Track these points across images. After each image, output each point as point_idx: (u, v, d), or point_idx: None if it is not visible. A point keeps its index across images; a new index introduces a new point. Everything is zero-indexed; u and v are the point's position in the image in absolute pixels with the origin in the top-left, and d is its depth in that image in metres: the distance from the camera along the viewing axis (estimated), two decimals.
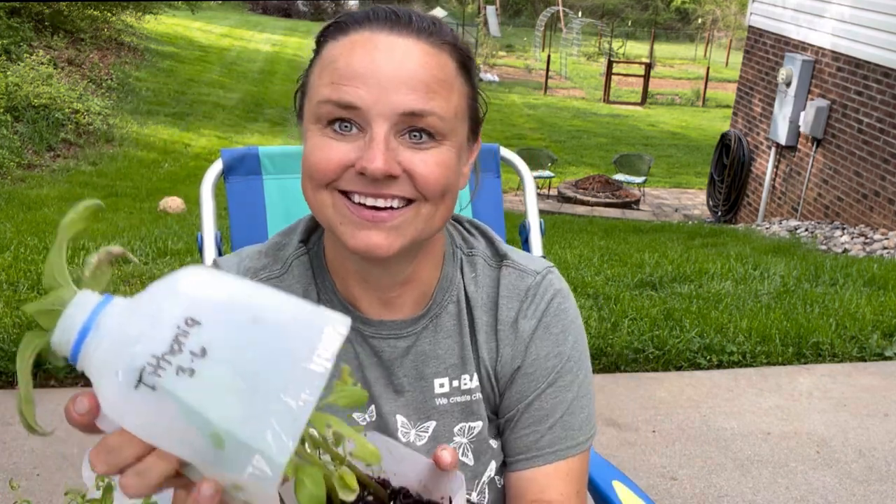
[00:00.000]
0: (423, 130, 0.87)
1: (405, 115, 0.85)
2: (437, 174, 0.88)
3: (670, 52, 32.06)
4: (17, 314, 3.43)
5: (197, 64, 18.96)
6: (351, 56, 0.86)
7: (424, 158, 0.87)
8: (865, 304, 4.32)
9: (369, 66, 0.85)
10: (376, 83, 0.85)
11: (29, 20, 12.96)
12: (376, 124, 0.85)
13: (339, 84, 0.86)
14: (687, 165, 15.12)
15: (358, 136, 0.87)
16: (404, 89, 0.85)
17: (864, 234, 7.33)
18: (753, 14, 10.02)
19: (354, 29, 0.89)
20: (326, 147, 0.87)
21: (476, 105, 0.96)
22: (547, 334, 1.02)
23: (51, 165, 10.17)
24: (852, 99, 7.90)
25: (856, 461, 2.95)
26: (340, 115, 0.86)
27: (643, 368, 3.61)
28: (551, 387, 1.01)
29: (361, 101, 0.85)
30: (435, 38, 0.89)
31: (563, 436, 1.01)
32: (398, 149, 0.87)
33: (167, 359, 0.50)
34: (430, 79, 0.87)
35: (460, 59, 0.92)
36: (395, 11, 0.90)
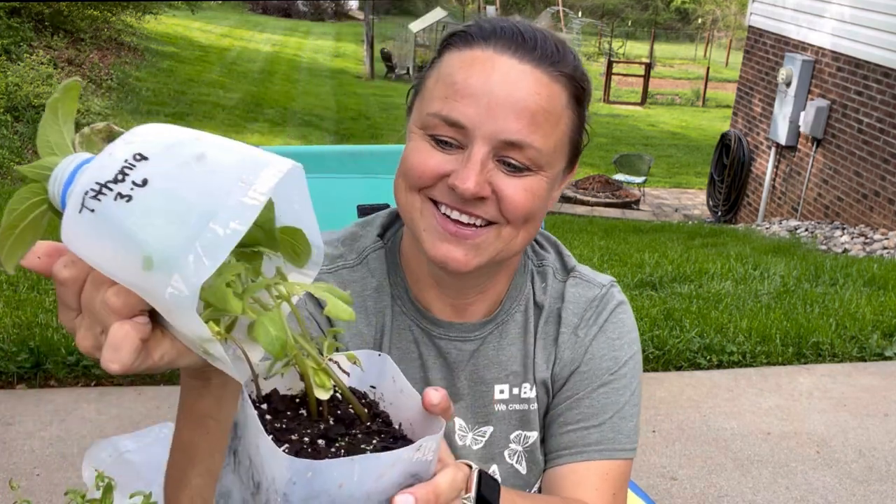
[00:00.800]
0: (517, 163, 0.88)
1: (505, 142, 0.87)
2: (523, 200, 0.89)
3: (670, 52, 32.06)
4: (17, 314, 3.43)
5: (197, 64, 18.96)
6: (469, 73, 0.88)
7: (515, 184, 0.89)
8: (865, 304, 4.32)
9: (483, 88, 0.86)
10: (486, 105, 0.86)
11: (29, 20, 12.96)
12: (476, 145, 0.87)
13: (451, 99, 0.87)
14: (687, 165, 15.13)
15: (457, 151, 0.89)
16: (511, 117, 0.86)
17: (864, 234, 7.33)
18: (753, 14, 10.02)
19: (479, 44, 0.90)
20: (426, 153, 0.90)
21: (580, 136, 0.97)
22: (605, 338, 1.04)
23: None
24: (852, 99, 7.90)
25: (856, 461, 2.95)
26: (445, 133, 0.88)
27: (643, 368, 3.61)
28: (604, 387, 1.02)
29: (468, 120, 0.86)
30: (554, 68, 0.90)
31: (611, 437, 1.00)
32: (492, 171, 0.88)
33: (109, 186, 0.53)
34: (538, 110, 0.87)
35: (574, 91, 0.92)
36: (522, 34, 0.91)
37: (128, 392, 3.04)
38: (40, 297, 3.71)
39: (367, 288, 1.03)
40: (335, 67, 22.20)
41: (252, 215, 0.51)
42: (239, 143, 0.58)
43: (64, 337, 3.23)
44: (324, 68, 21.94)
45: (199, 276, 0.50)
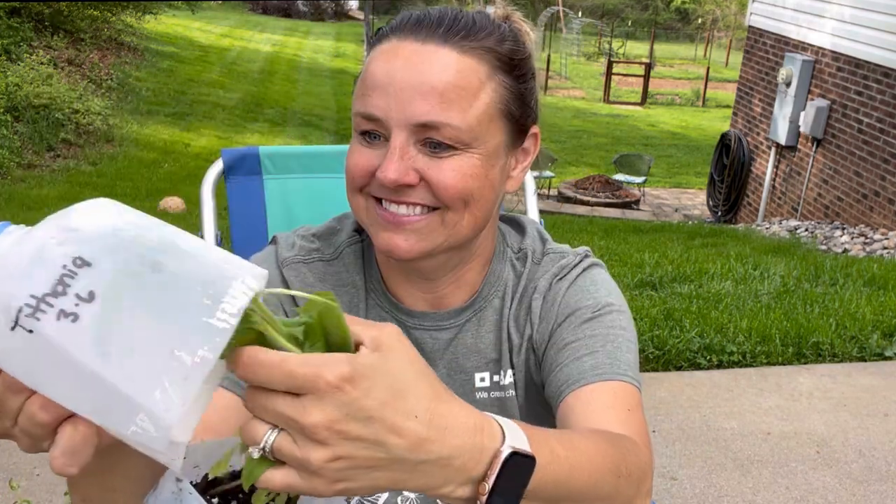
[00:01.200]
0: (440, 142, 0.87)
1: (419, 125, 0.86)
2: (453, 181, 0.88)
3: (670, 52, 32.05)
4: None
5: (197, 64, 18.96)
6: (376, 66, 0.89)
7: (441, 166, 0.88)
8: (865, 304, 4.32)
9: (387, 77, 0.87)
10: (393, 93, 0.86)
11: (29, 20, 12.96)
12: (394, 134, 0.87)
13: (365, 96, 0.89)
14: (687, 165, 15.13)
15: (384, 144, 0.89)
16: (418, 99, 0.86)
17: (864, 234, 7.33)
18: (753, 14, 10.02)
19: (387, 37, 0.91)
20: (357, 153, 0.91)
21: (522, 107, 0.93)
22: (578, 290, 1.00)
23: (51, 165, 10.17)
24: (852, 99, 7.90)
25: (856, 461, 2.95)
26: (368, 128, 0.89)
27: (643, 368, 3.61)
28: (589, 322, 0.96)
29: (380, 111, 0.87)
30: (465, 41, 0.88)
31: (607, 361, 0.92)
32: (416, 157, 0.88)
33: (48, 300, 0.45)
34: (447, 87, 0.86)
35: (497, 62, 0.90)
36: (427, 15, 0.91)
37: None
38: None
39: (342, 282, 1.04)
40: (335, 67, 22.20)
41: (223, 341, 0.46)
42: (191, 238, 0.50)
43: None
44: (324, 68, 21.94)
45: (168, 415, 0.45)
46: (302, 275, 1.02)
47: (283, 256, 1.03)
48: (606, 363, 0.92)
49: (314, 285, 1.02)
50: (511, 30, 0.94)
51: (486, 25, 0.91)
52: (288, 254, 1.04)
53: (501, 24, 0.94)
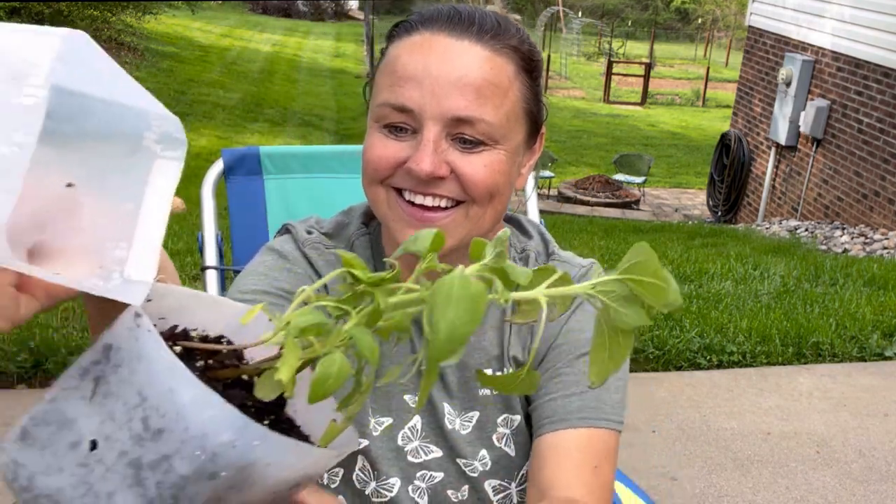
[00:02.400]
0: (471, 138, 0.89)
1: (455, 119, 0.87)
2: (483, 176, 0.90)
3: (670, 52, 32.05)
4: None
5: (197, 64, 18.96)
6: (409, 58, 0.89)
7: (472, 161, 0.90)
8: (865, 304, 4.32)
9: (423, 70, 0.88)
10: (429, 86, 0.87)
11: (29, 20, 12.97)
12: (427, 127, 0.88)
13: (395, 86, 0.89)
14: (687, 165, 15.12)
15: (411, 137, 0.90)
16: (455, 94, 0.87)
17: (864, 234, 7.33)
18: (753, 14, 10.02)
19: (417, 30, 0.92)
20: (381, 145, 0.91)
21: (537, 107, 0.97)
22: (584, 313, 1.01)
23: None
24: (852, 99, 7.90)
25: (856, 461, 2.95)
26: (395, 120, 0.90)
27: (643, 368, 3.61)
28: (585, 356, 0.98)
29: (414, 103, 0.88)
30: (495, 40, 0.91)
31: (593, 405, 0.97)
32: (448, 150, 0.89)
33: None
34: (483, 83, 0.88)
35: (521, 62, 0.93)
36: (458, 12, 0.92)
37: None
38: None
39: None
40: (335, 67, 22.20)
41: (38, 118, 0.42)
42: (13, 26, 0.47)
43: (64, 337, 3.23)
44: (324, 68, 21.94)
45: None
46: (323, 256, 1.03)
47: (303, 238, 1.04)
48: (592, 407, 0.96)
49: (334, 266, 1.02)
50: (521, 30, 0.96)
51: (509, 27, 0.93)
52: (306, 236, 1.05)
53: (518, 26, 0.96)
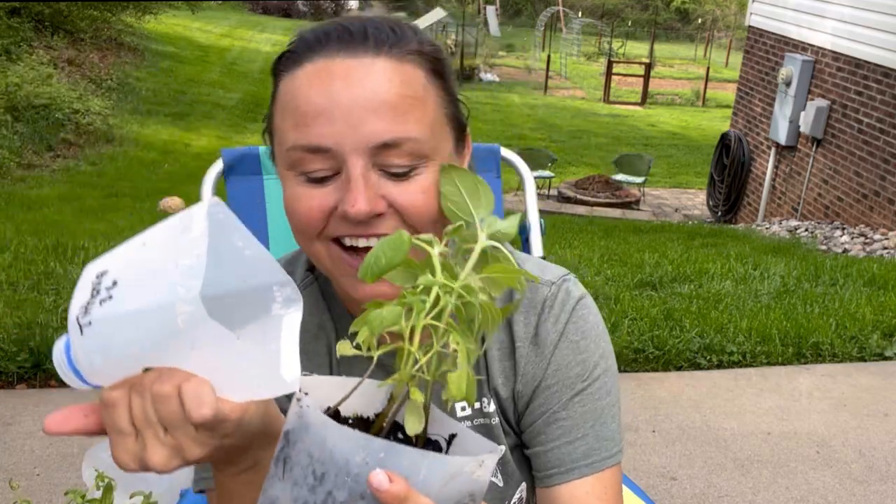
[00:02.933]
0: (402, 162, 0.80)
1: (379, 146, 0.78)
2: (424, 203, 0.81)
3: (670, 52, 32.05)
4: (17, 314, 3.43)
5: (197, 64, 18.96)
6: (310, 91, 0.79)
7: (408, 189, 0.80)
8: (865, 304, 4.32)
9: (329, 100, 0.78)
10: (341, 117, 0.77)
11: (29, 20, 12.96)
12: (350, 162, 0.78)
13: (302, 126, 0.79)
14: (687, 165, 15.12)
15: (335, 179, 0.80)
16: (371, 118, 0.78)
17: (864, 234, 7.33)
18: (753, 14, 10.02)
19: (308, 57, 0.81)
20: (306, 197, 0.81)
21: (457, 108, 0.89)
22: (569, 344, 0.95)
23: (51, 165, 10.17)
24: (852, 99, 7.90)
25: (856, 461, 2.95)
26: (313, 166, 0.80)
27: (643, 368, 3.61)
28: (579, 395, 0.94)
29: (329, 140, 0.78)
30: (397, 49, 0.81)
31: (597, 447, 0.94)
32: (380, 183, 0.80)
33: (90, 301, 0.60)
34: (398, 99, 0.79)
35: (430, 65, 0.84)
36: (347, 29, 0.82)
37: None
38: (40, 297, 3.71)
39: (308, 328, 0.94)
40: None
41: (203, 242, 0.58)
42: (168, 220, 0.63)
43: None
44: None
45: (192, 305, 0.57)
46: None
47: None
48: (596, 449, 0.94)
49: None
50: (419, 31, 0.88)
51: (405, 31, 0.85)
52: None
53: (415, 27, 0.88)
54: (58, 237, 4.97)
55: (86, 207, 7.78)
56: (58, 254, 4.46)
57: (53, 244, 4.68)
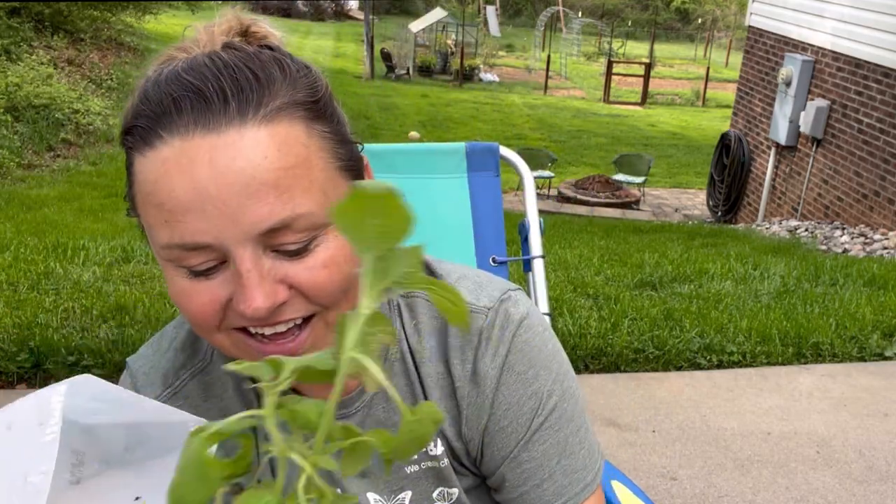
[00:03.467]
0: (297, 241, 0.69)
1: (265, 233, 0.67)
2: (328, 277, 0.70)
3: (670, 52, 32.05)
4: (17, 314, 3.43)
5: None
6: (171, 183, 0.66)
7: (307, 266, 0.69)
8: (865, 304, 4.32)
9: (196, 192, 0.65)
10: (214, 210, 0.65)
11: (29, 20, 12.96)
12: (237, 254, 0.67)
13: (172, 223, 0.67)
14: (687, 165, 15.13)
15: (224, 268, 0.69)
16: (250, 204, 0.65)
17: (864, 234, 7.33)
18: (753, 14, 10.02)
19: (160, 137, 0.67)
20: (193, 293, 0.70)
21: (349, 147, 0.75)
22: (514, 376, 0.85)
23: (51, 165, 10.18)
24: (852, 99, 7.90)
25: (856, 461, 2.95)
26: (195, 263, 0.69)
27: (643, 368, 3.61)
28: (538, 432, 0.86)
29: (206, 236, 0.66)
30: (264, 108, 0.67)
31: (566, 482, 0.87)
32: (274, 265, 0.69)
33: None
34: (278, 174, 0.66)
35: (306, 112, 0.70)
36: (201, 93, 0.67)
37: None
38: (40, 297, 3.71)
39: (226, 388, 0.86)
40: (335, 67, 22.20)
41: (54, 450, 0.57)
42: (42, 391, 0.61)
43: (64, 337, 3.23)
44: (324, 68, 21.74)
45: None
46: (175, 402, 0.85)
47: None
48: (566, 485, 0.87)
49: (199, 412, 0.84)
50: (282, 59, 0.72)
51: (272, 73, 0.70)
52: (154, 393, 0.85)
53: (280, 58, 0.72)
54: (58, 237, 4.97)
55: (86, 207, 7.78)
56: (58, 254, 4.46)
57: (53, 244, 4.68)
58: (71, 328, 3.35)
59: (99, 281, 3.96)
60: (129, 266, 4.32)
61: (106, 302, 3.62)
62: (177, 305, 0.73)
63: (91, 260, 4.36)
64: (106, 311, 3.53)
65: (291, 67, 0.72)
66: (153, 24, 18.99)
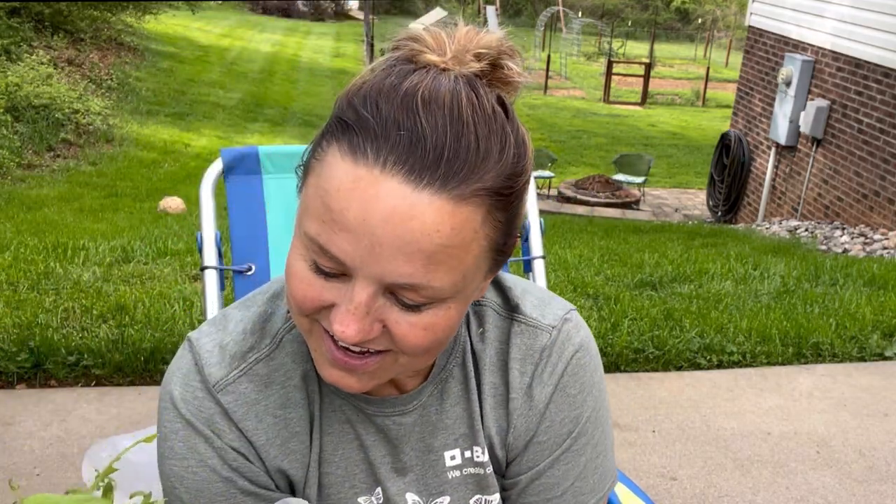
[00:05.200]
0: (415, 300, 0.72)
1: (394, 285, 0.70)
2: (423, 338, 0.74)
3: (670, 52, 32.05)
4: (17, 314, 3.43)
5: (197, 64, 18.96)
6: (349, 201, 0.68)
7: (411, 321, 0.73)
8: (865, 304, 4.32)
9: (363, 224, 0.67)
10: (368, 244, 0.68)
11: (29, 20, 12.96)
12: (359, 285, 0.70)
13: (327, 226, 0.69)
14: (687, 165, 15.13)
15: (342, 280, 0.72)
16: (400, 259, 0.68)
17: (864, 234, 7.33)
18: (753, 14, 10.02)
19: (363, 155, 0.68)
20: (307, 281, 0.73)
21: (508, 238, 0.76)
22: (564, 398, 0.90)
23: (51, 165, 10.17)
24: (852, 99, 7.90)
25: (856, 461, 2.95)
26: (324, 262, 0.72)
27: (643, 368, 3.61)
28: (565, 453, 0.91)
29: (347, 257, 0.69)
30: (466, 185, 0.68)
31: (586, 492, 0.93)
32: (383, 308, 0.72)
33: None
34: (437, 249, 0.68)
35: (496, 201, 0.71)
36: (422, 139, 0.67)
37: (128, 392, 3.04)
38: (40, 297, 3.71)
39: (291, 377, 0.87)
40: (335, 67, 22.20)
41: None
42: None
43: (64, 337, 3.23)
44: (324, 68, 21.94)
45: None
46: (243, 395, 0.85)
47: (216, 379, 0.84)
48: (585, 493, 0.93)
49: (258, 401, 0.86)
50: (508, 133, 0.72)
51: (488, 149, 0.70)
52: (220, 373, 0.85)
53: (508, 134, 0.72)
54: (58, 237, 4.97)
55: (86, 207, 7.78)
56: (58, 254, 4.46)
57: (53, 244, 4.68)
58: (71, 328, 3.35)
59: (99, 281, 3.96)
60: (129, 266, 4.32)
61: (106, 302, 3.61)
62: (286, 281, 0.76)
63: (91, 260, 4.36)
64: (106, 311, 3.53)
65: (509, 148, 0.72)
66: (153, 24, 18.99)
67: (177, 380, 0.85)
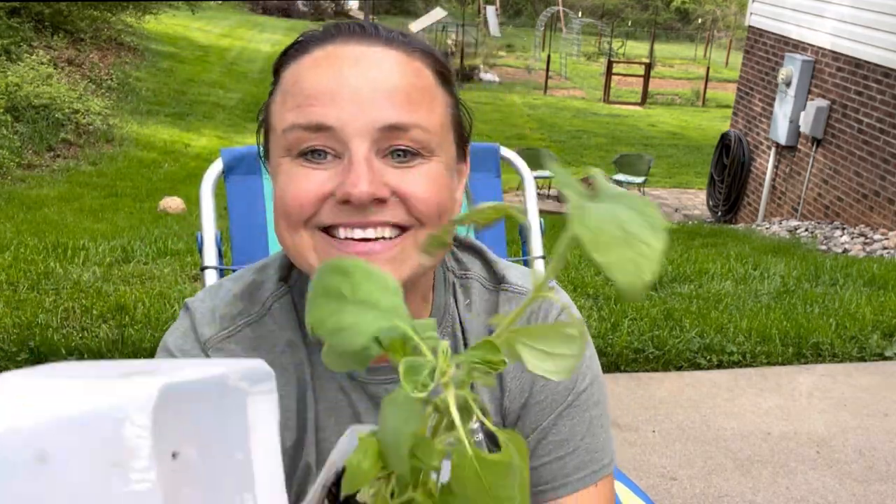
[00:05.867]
0: (407, 148, 0.77)
1: (386, 129, 0.75)
2: (431, 192, 0.78)
3: (670, 52, 32.05)
4: (17, 314, 3.43)
5: (197, 64, 18.96)
6: (316, 73, 0.76)
7: (413, 176, 0.77)
8: (865, 304, 4.32)
9: (338, 81, 0.75)
10: (349, 97, 0.74)
11: (29, 20, 12.96)
12: (354, 144, 0.75)
13: (304, 106, 0.75)
14: (687, 165, 15.12)
15: (335, 163, 0.76)
16: (381, 100, 0.75)
17: (864, 234, 7.33)
18: (753, 14, 10.02)
19: (317, 45, 0.79)
20: (300, 177, 0.77)
21: (460, 117, 0.86)
22: None
23: (51, 165, 10.17)
24: (852, 99, 7.90)
25: (856, 461, 2.95)
26: (312, 143, 0.76)
27: (643, 368, 3.61)
28: (568, 409, 0.93)
29: (334, 119, 0.74)
30: (407, 46, 0.80)
31: (587, 459, 0.94)
32: (383, 169, 0.76)
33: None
34: (410, 87, 0.77)
35: (437, 69, 0.82)
36: (358, 24, 0.81)
37: None
38: (40, 297, 3.71)
39: (278, 342, 0.89)
40: None
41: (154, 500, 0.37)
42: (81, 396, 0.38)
43: (64, 337, 3.23)
44: None
45: None
46: (231, 354, 0.87)
47: (206, 337, 0.88)
48: (587, 462, 0.93)
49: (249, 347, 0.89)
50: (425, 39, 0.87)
51: (413, 35, 0.84)
52: (210, 332, 0.88)
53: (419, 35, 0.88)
54: (58, 237, 4.97)
55: (86, 207, 7.78)
56: (58, 254, 4.46)
57: (53, 244, 4.68)
58: (71, 328, 3.35)
59: (99, 281, 3.96)
60: (129, 266, 4.31)
61: (106, 302, 3.61)
62: (277, 201, 0.79)
63: (91, 260, 4.36)
64: (106, 311, 3.53)
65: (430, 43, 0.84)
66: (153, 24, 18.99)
67: (175, 335, 0.90)
